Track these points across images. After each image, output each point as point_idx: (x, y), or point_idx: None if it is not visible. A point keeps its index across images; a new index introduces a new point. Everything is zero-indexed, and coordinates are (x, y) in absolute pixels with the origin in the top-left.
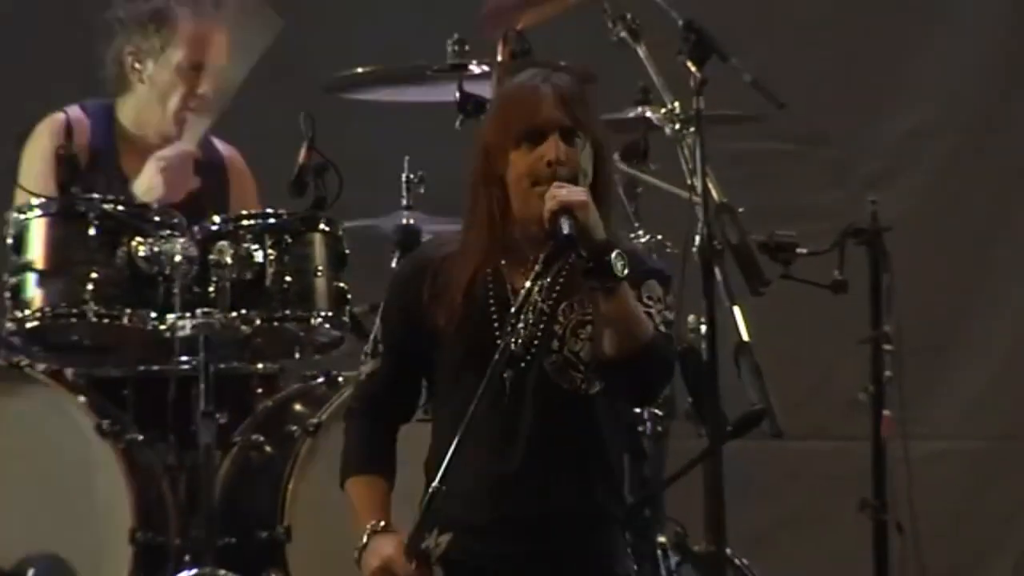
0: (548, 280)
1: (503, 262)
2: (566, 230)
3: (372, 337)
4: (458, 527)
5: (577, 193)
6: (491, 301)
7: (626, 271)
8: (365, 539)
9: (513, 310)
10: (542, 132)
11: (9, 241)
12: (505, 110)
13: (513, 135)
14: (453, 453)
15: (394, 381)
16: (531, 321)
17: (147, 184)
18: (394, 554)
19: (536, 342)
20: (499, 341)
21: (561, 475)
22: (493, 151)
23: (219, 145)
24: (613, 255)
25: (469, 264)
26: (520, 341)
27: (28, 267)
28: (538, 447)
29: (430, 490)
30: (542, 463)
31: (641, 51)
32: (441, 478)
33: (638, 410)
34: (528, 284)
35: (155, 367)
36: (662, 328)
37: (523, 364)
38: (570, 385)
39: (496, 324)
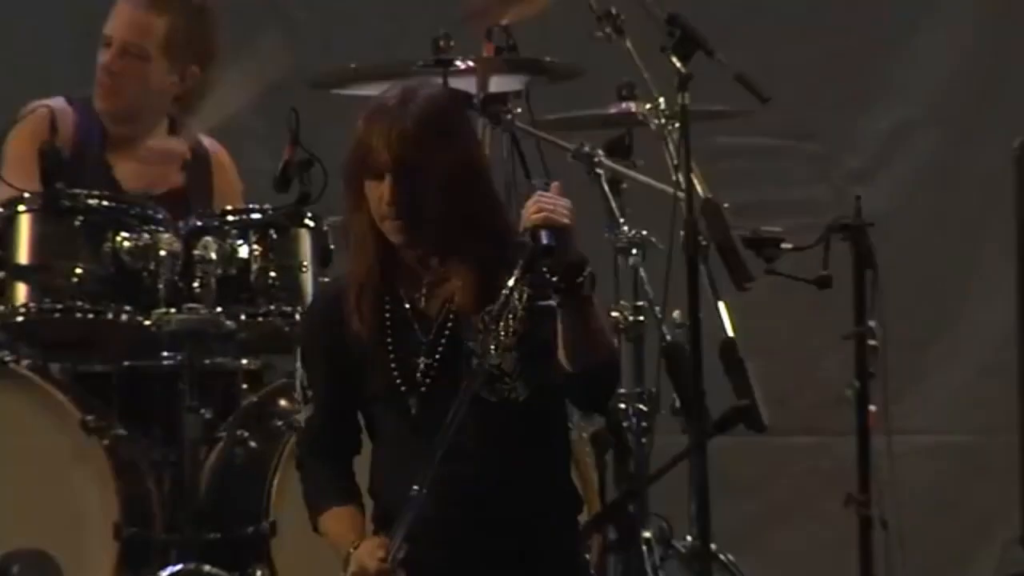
0: (526, 286)
1: (395, 279)
2: (546, 240)
3: (298, 384)
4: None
5: (561, 211)
6: (387, 322)
7: (593, 290)
8: (346, 559)
9: (493, 316)
10: (378, 172)
11: None
12: (355, 142)
13: (356, 172)
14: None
15: (332, 422)
16: (511, 327)
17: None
18: (365, 558)
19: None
20: (394, 367)
21: (507, 487)
22: (351, 180)
23: (203, 140)
24: (585, 274)
25: (356, 292)
26: (500, 347)
27: (12, 262)
28: (482, 461)
29: (411, 495)
30: (486, 477)
31: (627, 46)
32: (384, 501)
33: (623, 406)
34: (504, 292)
35: (140, 362)
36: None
37: (422, 390)
38: (498, 396)
39: (391, 347)
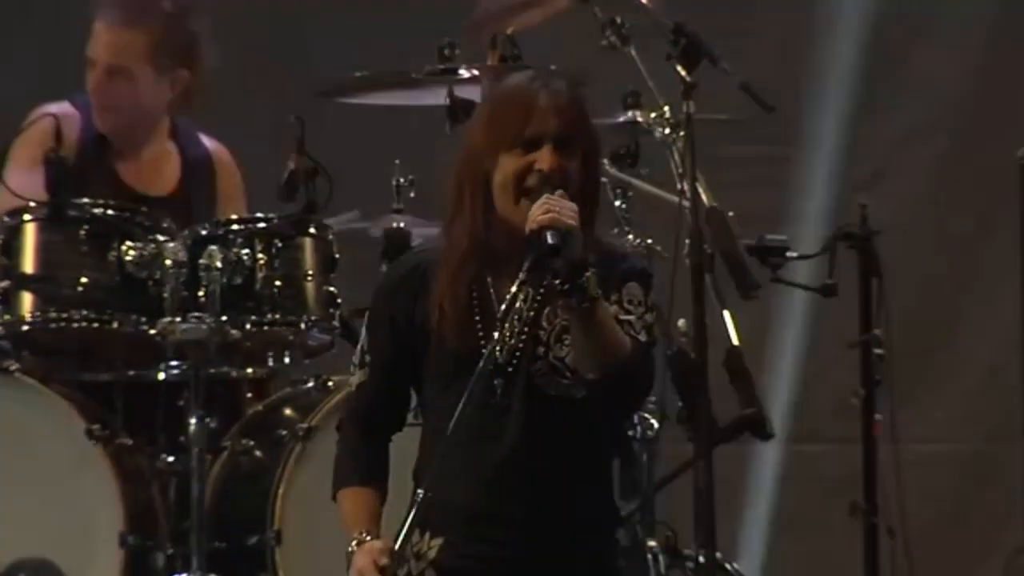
0: (532, 286)
1: (487, 266)
2: (551, 240)
3: (359, 347)
4: (449, 531)
5: (567, 215)
6: (475, 306)
7: (598, 292)
8: (349, 552)
9: (499, 317)
10: (536, 139)
11: None
12: (500, 111)
13: (506, 138)
14: (443, 459)
15: (383, 392)
16: (516, 327)
17: None
18: (365, 565)
19: (521, 348)
20: (484, 348)
21: (550, 480)
22: (482, 151)
23: (205, 140)
24: (588, 274)
25: (452, 268)
26: (505, 347)
27: (18, 271)
28: (527, 453)
29: (418, 495)
30: (531, 468)
31: (632, 55)
32: (429, 484)
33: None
34: (513, 290)
35: (145, 371)
36: (642, 335)
37: (510, 370)
38: (557, 391)
39: (480, 331)
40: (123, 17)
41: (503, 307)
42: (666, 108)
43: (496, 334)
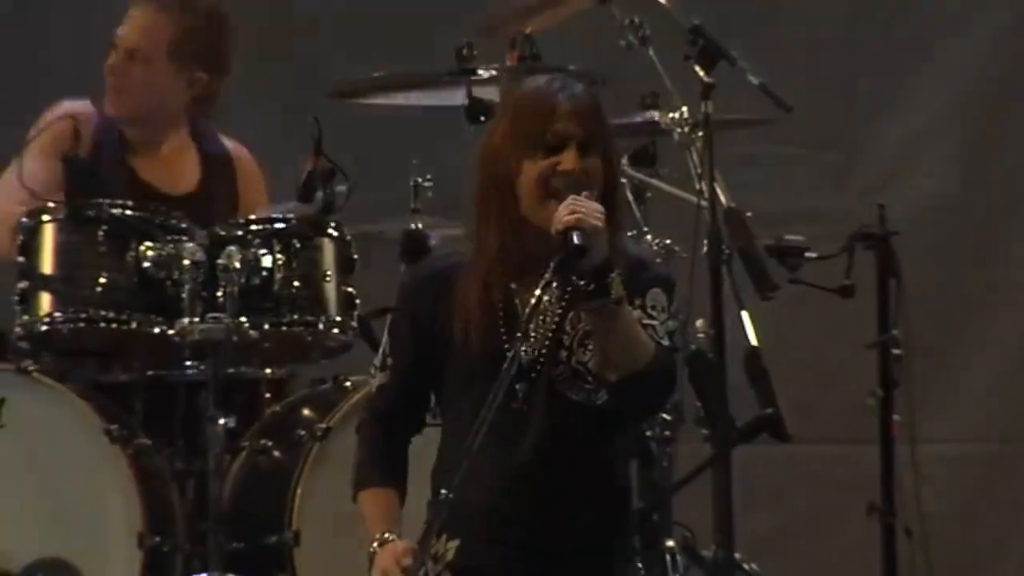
0: (557, 290)
1: (512, 270)
2: (577, 240)
3: (381, 350)
4: (467, 533)
5: (594, 215)
6: (500, 311)
7: (623, 293)
8: (371, 552)
9: (524, 318)
10: (559, 142)
11: (17, 246)
12: (520, 116)
13: (528, 142)
14: (462, 462)
15: (404, 394)
16: (540, 331)
17: None
18: (389, 565)
19: (544, 352)
20: (507, 350)
21: (569, 484)
22: (505, 157)
23: (226, 142)
24: (611, 276)
25: (480, 273)
26: (529, 351)
27: (37, 272)
28: (547, 457)
29: (437, 497)
30: (550, 472)
31: (650, 55)
32: (448, 486)
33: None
34: (538, 292)
35: (164, 372)
36: (664, 340)
37: (533, 375)
38: (578, 396)
39: (504, 335)
40: (159, 1)
41: (528, 308)
42: (684, 108)
43: (519, 335)
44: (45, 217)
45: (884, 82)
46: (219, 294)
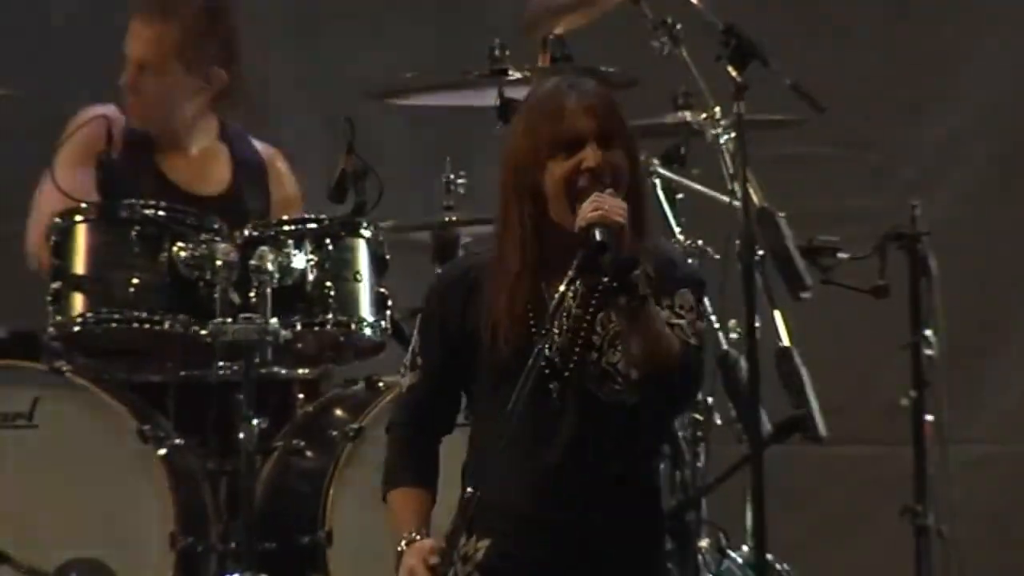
0: (583, 288)
1: (541, 271)
2: (599, 236)
3: (411, 349)
4: (496, 533)
5: (617, 211)
6: (529, 310)
7: (648, 290)
8: (399, 551)
9: (549, 314)
10: (577, 140)
11: (51, 246)
12: (534, 120)
13: (545, 144)
14: (493, 461)
15: (433, 394)
16: (566, 329)
17: None
18: (416, 565)
19: (576, 352)
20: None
21: (600, 484)
22: (526, 163)
23: (259, 146)
24: (636, 273)
25: (506, 276)
26: (556, 348)
27: (70, 272)
28: (577, 456)
29: (466, 495)
30: (581, 472)
31: (683, 56)
32: (478, 485)
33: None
34: (562, 288)
35: (196, 372)
36: (692, 340)
37: (566, 375)
38: (608, 396)
39: (534, 334)
40: (154, 9)
41: (552, 305)
42: (716, 109)
43: (544, 331)
44: (78, 217)
45: (922, 83)
46: (252, 294)
